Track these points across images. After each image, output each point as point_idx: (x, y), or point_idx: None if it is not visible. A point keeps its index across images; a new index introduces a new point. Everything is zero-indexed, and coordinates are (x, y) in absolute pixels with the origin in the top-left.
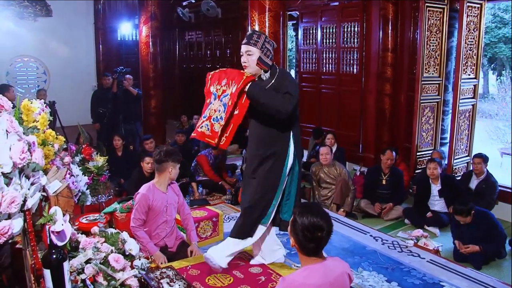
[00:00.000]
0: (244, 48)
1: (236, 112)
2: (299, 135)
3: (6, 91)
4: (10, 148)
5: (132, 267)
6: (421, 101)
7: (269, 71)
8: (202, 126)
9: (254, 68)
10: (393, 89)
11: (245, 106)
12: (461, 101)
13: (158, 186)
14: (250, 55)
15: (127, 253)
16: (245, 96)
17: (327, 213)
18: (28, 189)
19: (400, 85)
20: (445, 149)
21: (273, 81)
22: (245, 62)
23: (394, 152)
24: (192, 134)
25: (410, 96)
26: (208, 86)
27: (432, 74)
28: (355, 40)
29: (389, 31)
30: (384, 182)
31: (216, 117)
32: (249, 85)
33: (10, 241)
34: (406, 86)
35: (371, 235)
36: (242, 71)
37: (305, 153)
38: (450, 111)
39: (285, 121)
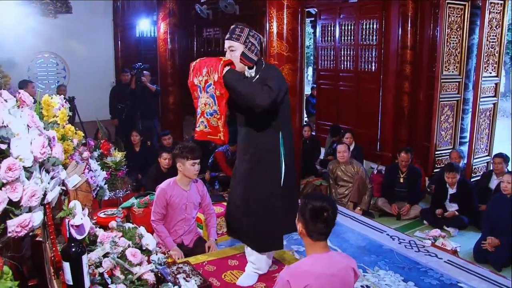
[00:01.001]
0: (226, 43)
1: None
2: (291, 138)
3: (25, 87)
4: (31, 143)
5: (149, 262)
6: (441, 100)
7: (254, 67)
8: (199, 125)
9: (238, 65)
10: (412, 87)
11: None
12: (481, 99)
13: (179, 183)
14: (233, 51)
15: (144, 248)
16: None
17: (332, 199)
18: (48, 183)
19: (419, 83)
20: (465, 148)
21: (257, 76)
22: (228, 58)
23: (409, 153)
24: (195, 136)
25: (429, 94)
26: (191, 78)
27: (452, 72)
28: (374, 38)
29: (409, 29)
30: (401, 180)
31: (209, 111)
32: (225, 70)
33: (30, 233)
34: (425, 84)
35: (387, 234)
36: (220, 57)
37: (322, 150)
38: (470, 109)
39: (271, 121)
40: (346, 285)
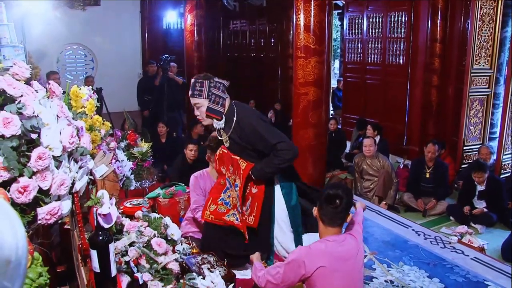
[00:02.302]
0: (191, 101)
1: (255, 191)
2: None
3: (49, 78)
4: (60, 133)
5: (174, 252)
6: (470, 94)
7: (223, 118)
8: (230, 216)
9: (207, 120)
10: (440, 81)
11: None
12: None
13: (210, 174)
14: (199, 107)
15: (169, 238)
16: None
17: (350, 191)
18: (76, 172)
19: (448, 77)
20: (494, 144)
21: (229, 132)
22: (198, 116)
23: (437, 146)
24: (216, 220)
25: (458, 88)
26: (218, 166)
27: (483, 66)
28: (402, 30)
29: (438, 21)
30: (428, 175)
31: (239, 209)
32: (251, 172)
33: (59, 221)
34: (454, 78)
35: (413, 229)
36: (236, 158)
37: (348, 144)
38: (501, 104)
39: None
40: (356, 267)
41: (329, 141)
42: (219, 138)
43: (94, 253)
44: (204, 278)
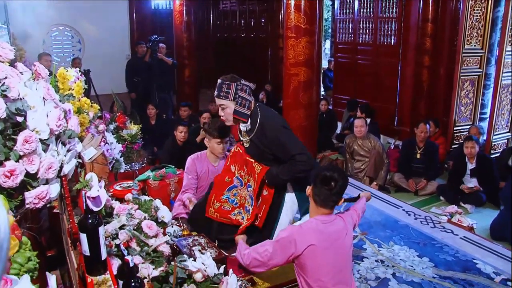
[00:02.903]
0: (216, 101)
1: (265, 193)
2: None
3: (40, 59)
4: (47, 115)
5: (164, 234)
6: (461, 74)
7: (249, 120)
8: (236, 214)
9: (231, 121)
10: (432, 61)
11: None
12: (504, 74)
13: (209, 157)
14: (224, 109)
15: (159, 220)
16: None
17: (346, 175)
18: (65, 155)
19: (440, 57)
20: (484, 124)
21: (254, 131)
22: (222, 116)
23: (428, 125)
24: (221, 218)
25: (449, 68)
26: (228, 163)
27: (474, 46)
28: (394, 10)
29: (430, 1)
30: (418, 156)
31: (247, 208)
32: (266, 177)
33: (48, 205)
34: (446, 58)
35: (403, 210)
36: (251, 160)
37: (339, 125)
38: (492, 85)
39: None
40: (345, 247)
41: (320, 122)
42: (240, 138)
43: (83, 237)
44: (195, 260)
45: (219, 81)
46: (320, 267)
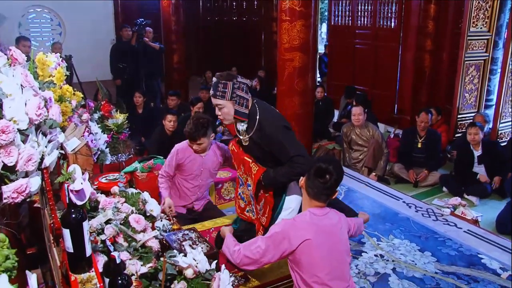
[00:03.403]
0: (213, 101)
1: (267, 194)
2: None
3: (17, 44)
4: (25, 104)
5: (153, 228)
6: (466, 59)
7: (247, 120)
8: (248, 211)
9: (231, 121)
10: (434, 45)
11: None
12: None
13: None
14: (221, 108)
15: (148, 214)
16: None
17: (341, 168)
18: (46, 146)
19: (443, 41)
20: (490, 112)
21: (253, 131)
22: (219, 115)
23: (430, 114)
24: (241, 215)
25: (453, 53)
26: (233, 160)
27: (481, 28)
28: None
29: None
30: (419, 145)
31: (252, 207)
32: (262, 178)
33: (27, 200)
34: (449, 42)
35: (404, 202)
36: (248, 160)
37: (336, 113)
38: (499, 70)
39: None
40: (340, 241)
41: (315, 110)
42: (239, 137)
43: (66, 232)
44: (185, 255)
45: (214, 79)
46: (316, 262)
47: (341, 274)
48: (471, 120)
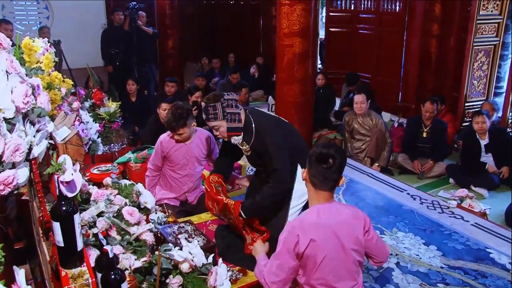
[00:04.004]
0: (208, 124)
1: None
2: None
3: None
4: (11, 91)
5: (147, 221)
6: (475, 44)
7: (242, 134)
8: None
9: (227, 138)
10: (441, 29)
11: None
12: None
13: None
14: (218, 129)
15: (142, 206)
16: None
17: (343, 150)
18: (34, 136)
19: (450, 26)
20: (500, 99)
21: (251, 143)
22: (218, 135)
23: (436, 104)
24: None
25: (461, 38)
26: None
27: (491, 11)
28: None
29: None
30: (425, 134)
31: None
32: (241, 211)
33: (15, 192)
34: (457, 26)
35: (408, 193)
36: (221, 198)
37: (337, 101)
38: (510, 55)
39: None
40: (350, 235)
41: (316, 98)
42: (241, 147)
43: (56, 226)
44: (181, 249)
45: (203, 104)
46: (321, 264)
47: (348, 273)
48: (479, 108)
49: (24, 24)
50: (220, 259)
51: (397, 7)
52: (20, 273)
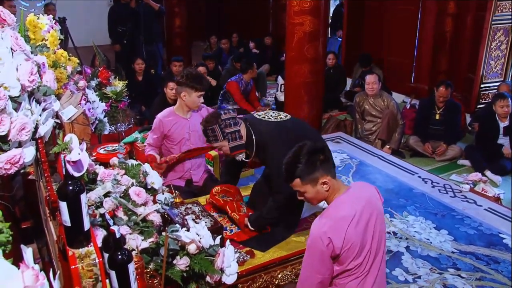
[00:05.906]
0: (211, 145)
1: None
2: None
3: (2, 4)
4: (17, 69)
5: (154, 202)
6: (493, 22)
7: (245, 150)
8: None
9: (232, 156)
10: (457, 7)
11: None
12: None
13: (177, 112)
14: (221, 148)
15: (149, 187)
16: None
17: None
18: (40, 115)
19: (467, 3)
20: None
21: (253, 154)
22: (222, 153)
23: (450, 88)
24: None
25: (479, 16)
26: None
27: None
28: None
29: None
30: (437, 117)
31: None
32: (248, 224)
33: (21, 171)
34: (474, 4)
35: (419, 176)
36: (228, 210)
37: (349, 81)
38: None
39: None
40: (377, 212)
41: (326, 78)
42: (243, 160)
43: (63, 205)
44: (188, 230)
45: (201, 128)
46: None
47: (378, 246)
48: (495, 90)
49: (28, 0)
50: (228, 240)
51: None
52: (28, 252)
